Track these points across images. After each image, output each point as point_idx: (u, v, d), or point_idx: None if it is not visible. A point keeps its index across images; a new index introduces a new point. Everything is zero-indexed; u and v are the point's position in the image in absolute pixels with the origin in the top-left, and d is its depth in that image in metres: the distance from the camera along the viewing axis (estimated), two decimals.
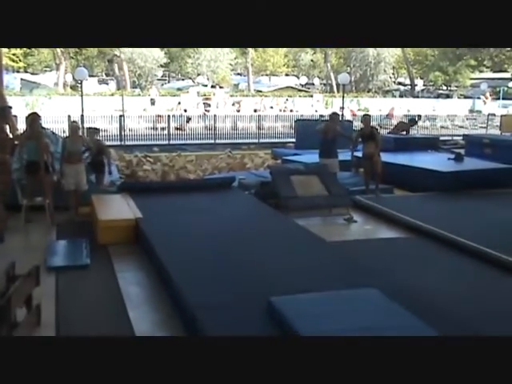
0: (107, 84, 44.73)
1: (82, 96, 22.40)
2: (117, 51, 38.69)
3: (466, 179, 11.47)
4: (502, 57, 38.62)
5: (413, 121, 22.52)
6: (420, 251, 7.91)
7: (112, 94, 35.27)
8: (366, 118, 12.00)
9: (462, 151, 14.72)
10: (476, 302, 5.96)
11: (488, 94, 37.37)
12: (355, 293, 5.37)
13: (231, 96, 37.32)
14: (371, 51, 41.79)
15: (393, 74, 47.26)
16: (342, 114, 21.88)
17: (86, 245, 7.74)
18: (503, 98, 38.07)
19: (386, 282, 5.77)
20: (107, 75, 49.87)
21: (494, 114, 29.81)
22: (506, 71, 40.96)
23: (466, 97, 41.31)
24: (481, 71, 44.29)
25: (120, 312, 5.72)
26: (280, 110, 34.64)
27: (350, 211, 9.83)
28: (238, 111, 33.48)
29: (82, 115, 21.53)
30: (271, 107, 35.46)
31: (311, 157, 12.27)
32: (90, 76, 30.62)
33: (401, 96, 44.03)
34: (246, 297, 5.47)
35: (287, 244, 7.35)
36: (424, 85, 47.28)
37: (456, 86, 45.51)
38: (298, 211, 9.44)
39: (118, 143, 22.19)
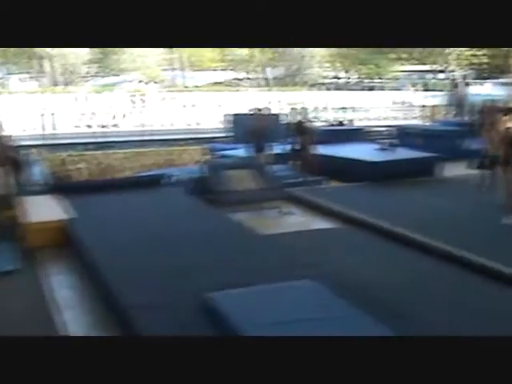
0: (31, 81, 43.18)
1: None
2: None
3: (397, 168, 11.72)
4: (429, 49, 39.65)
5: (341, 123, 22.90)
6: (355, 241, 8.00)
7: (36, 92, 34.04)
8: (300, 111, 12.09)
9: (394, 141, 15.02)
10: (412, 290, 6.04)
11: (416, 86, 38.42)
12: (293, 285, 5.36)
13: (165, 92, 36.82)
14: None
15: (327, 67, 47.86)
16: (280, 109, 21.95)
17: (12, 249, 7.40)
18: (430, 90, 39.17)
19: (323, 273, 5.78)
20: (31, 73, 48.15)
21: (423, 105, 30.60)
22: (432, 64, 42.10)
23: (396, 88, 42.27)
24: (410, 63, 45.39)
25: (52, 316, 5.52)
26: (216, 105, 34.40)
27: (286, 204, 9.85)
28: (172, 106, 33.05)
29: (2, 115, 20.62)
30: (206, 102, 35.16)
31: (246, 151, 12.23)
32: (11, 74, 29.41)
33: (336, 89, 44.61)
34: (180, 294, 5.38)
35: (222, 239, 7.27)
36: (357, 77, 48.08)
37: (387, 78, 46.52)
38: (234, 205, 9.39)
39: (43, 142, 21.30)
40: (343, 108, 28.42)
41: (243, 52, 45.75)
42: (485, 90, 31.89)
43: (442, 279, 6.41)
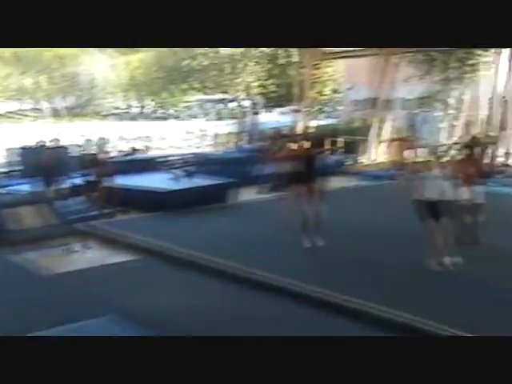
0: None
1: None
2: None
3: (193, 196, 11.82)
4: (220, 79, 41.21)
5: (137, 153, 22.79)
6: (152, 272, 7.86)
7: None
8: (94, 142, 11.73)
9: (189, 169, 15.18)
10: (214, 316, 6.02)
11: (209, 115, 39.64)
12: (90, 323, 5.06)
13: None
14: (97, 75, 41.24)
15: (120, 97, 47.33)
16: (71, 140, 20.99)
17: None
18: (223, 118, 40.62)
19: (121, 307, 5.58)
20: None
21: (217, 133, 31.59)
22: (224, 93, 43.79)
23: (190, 117, 43.18)
24: (203, 93, 46.76)
25: None
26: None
27: (80, 238, 9.39)
28: None
29: None
30: None
31: (34, 186, 11.49)
32: None
33: (130, 119, 44.21)
34: None
35: (3, 283, 6.67)
36: (152, 107, 48.25)
37: (181, 108, 47.34)
38: (21, 245, 8.71)
39: None
40: (138, 138, 28.25)
41: (29, 81, 43.52)
42: (273, 118, 33.97)
43: (243, 302, 6.52)
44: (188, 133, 33.99)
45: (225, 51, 35.53)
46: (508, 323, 5.46)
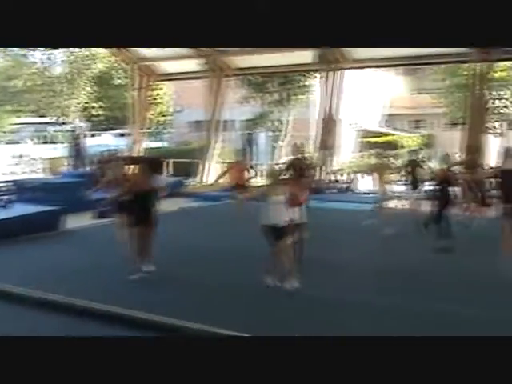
0: None
1: None
2: None
3: (15, 226, 10.97)
4: (50, 101, 39.31)
5: None
6: None
7: None
8: None
9: (11, 197, 14.18)
10: None
11: (35, 139, 37.62)
12: None
13: None
14: None
15: None
16: None
17: None
18: (51, 142, 38.82)
19: None
20: None
21: (44, 158, 30.05)
22: (52, 116, 42.00)
23: (13, 142, 40.66)
24: (27, 116, 44.39)
25: None
26: None
27: None
28: None
29: None
30: None
31: None
32: None
33: None
34: None
35: None
36: None
37: (3, 132, 44.43)
38: None
39: None
40: None
41: None
42: (105, 141, 33.12)
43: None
44: (13, 157, 31.96)
45: (53, 72, 33.96)
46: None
